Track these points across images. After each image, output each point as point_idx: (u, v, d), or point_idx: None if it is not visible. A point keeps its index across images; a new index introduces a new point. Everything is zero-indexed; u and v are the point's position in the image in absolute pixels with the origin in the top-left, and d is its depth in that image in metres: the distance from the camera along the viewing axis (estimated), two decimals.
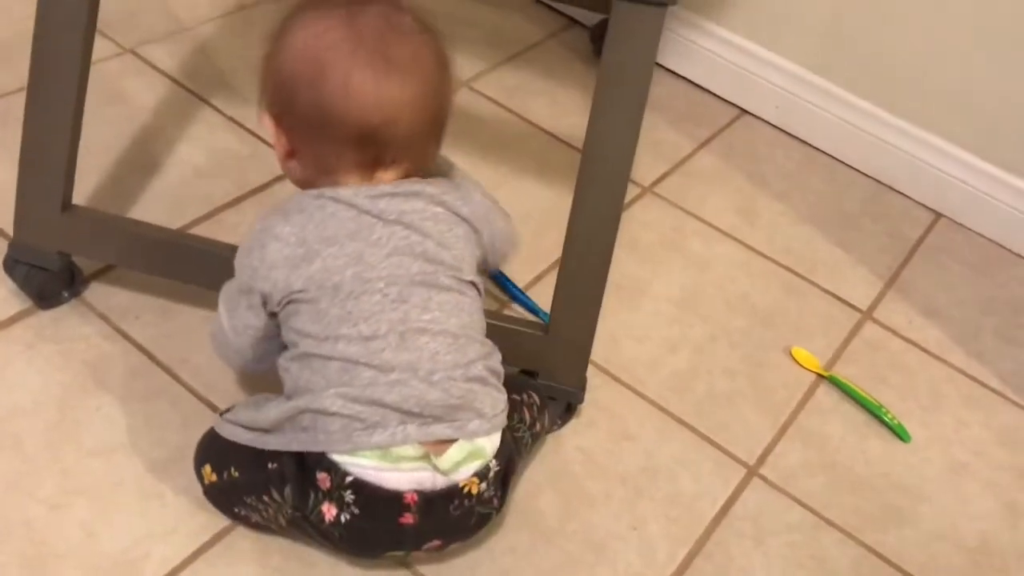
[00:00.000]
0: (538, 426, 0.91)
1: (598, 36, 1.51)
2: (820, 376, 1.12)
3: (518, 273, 1.14)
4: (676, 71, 1.50)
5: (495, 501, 0.80)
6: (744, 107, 1.48)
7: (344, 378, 0.75)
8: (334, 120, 0.76)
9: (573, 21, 1.57)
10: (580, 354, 0.94)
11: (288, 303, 0.77)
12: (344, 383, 0.75)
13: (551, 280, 1.14)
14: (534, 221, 1.22)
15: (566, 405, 0.98)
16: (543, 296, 1.12)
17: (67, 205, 0.94)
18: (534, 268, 1.17)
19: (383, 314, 0.75)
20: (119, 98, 1.23)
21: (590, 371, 1.00)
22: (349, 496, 0.75)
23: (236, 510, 0.83)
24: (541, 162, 1.32)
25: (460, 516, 0.78)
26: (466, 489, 0.77)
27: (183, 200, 1.12)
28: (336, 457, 0.75)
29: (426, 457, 0.75)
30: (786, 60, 1.42)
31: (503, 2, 1.56)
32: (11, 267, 0.97)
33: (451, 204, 0.80)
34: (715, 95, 1.50)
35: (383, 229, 0.77)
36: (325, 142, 0.77)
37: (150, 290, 1.02)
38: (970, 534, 1.00)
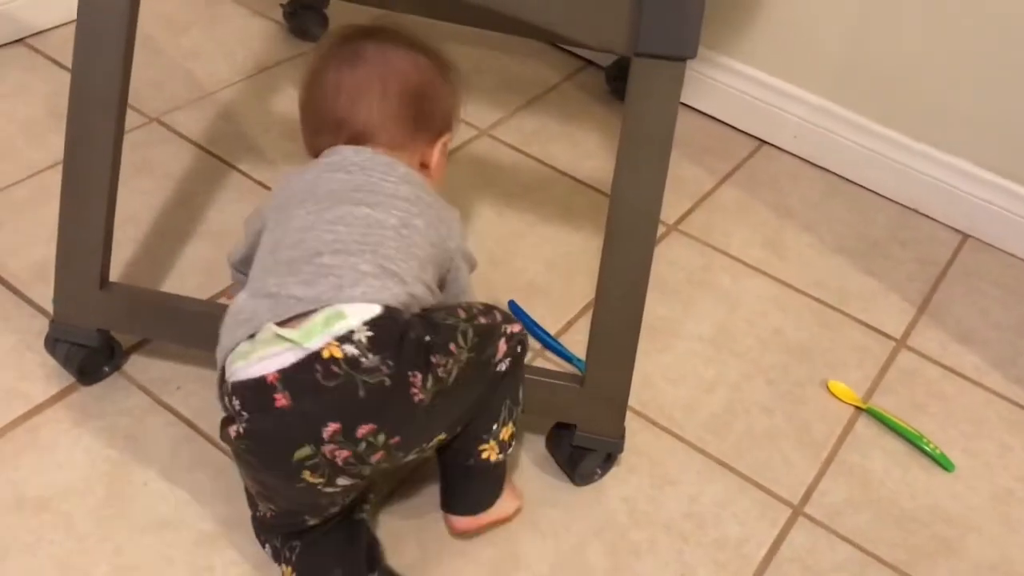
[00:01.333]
0: (482, 319, 0.82)
1: (613, 76, 1.53)
2: (858, 409, 1.12)
3: (549, 320, 1.15)
4: (692, 105, 1.51)
5: (384, 369, 0.73)
6: (763, 138, 1.49)
7: (252, 284, 0.81)
8: (312, 110, 0.93)
9: (588, 62, 1.59)
10: (618, 404, 0.95)
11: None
12: (249, 287, 0.82)
13: (582, 325, 1.15)
14: (562, 267, 1.23)
15: (606, 455, 0.98)
16: (575, 342, 1.13)
17: (105, 283, 0.95)
18: (565, 314, 1.17)
19: (302, 228, 0.81)
20: (147, 168, 1.26)
21: (627, 416, 1.00)
22: (236, 403, 0.75)
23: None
24: (565, 206, 1.33)
25: (338, 388, 0.72)
26: (327, 355, 0.72)
27: (215, 268, 1.14)
28: (227, 379, 0.76)
29: (282, 338, 0.73)
30: (802, 90, 1.43)
31: (517, 48, 1.58)
32: (52, 345, 0.99)
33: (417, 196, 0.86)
34: (733, 127, 1.51)
35: (336, 172, 0.86)
36: (315, 133, 0.93)
37: (189, 360, 1.03)
38: (1022, 563, 0.99)
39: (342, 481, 0.77)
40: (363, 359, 0.73)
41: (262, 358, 0.74)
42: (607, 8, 0.80)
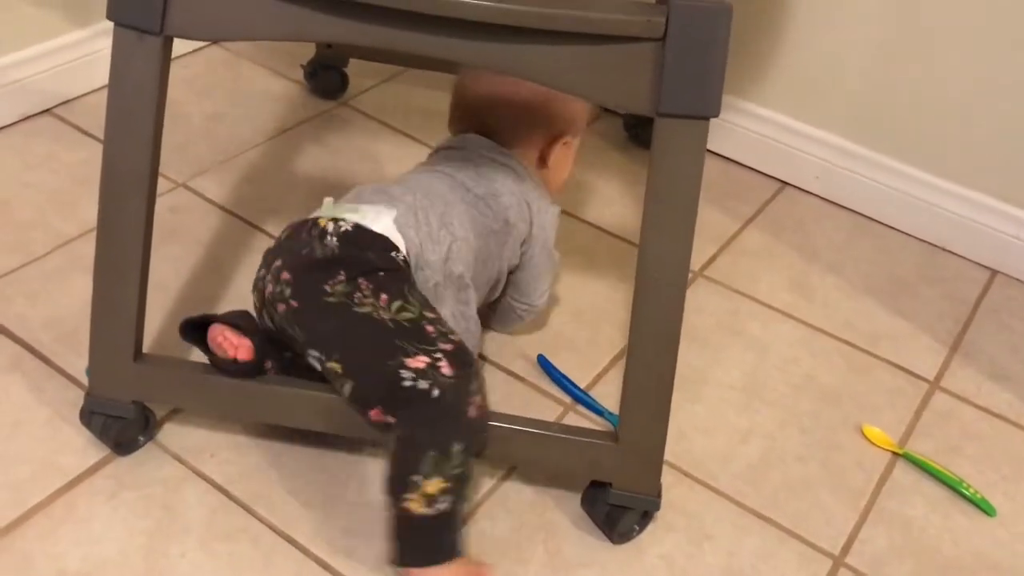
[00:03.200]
0: (431, 330, 0.90)
1: (632, 124, 1.53)
2: (895, 454, 1.10)
3: (579, 373, 1.15)
4: (713, 150, 1.52)
5: (334, 251, 0.92)
6: (786, 180, 1.49)
7: None
8: (457, 100, 1.13)
9: (605, 110, 1.59)
10: (654, 462, 0.94)
11: None
12: None
13: (612, 377, 1.15)
14: (588, 317, 1.23)
15: (643, 512, 0.97)
16: (605, 394, 1.12)
17: (139, 354, 0.96)
18: (595, 366, 1.17)
19: (405, 175, 1.06)
20: (175, 234, 1.27)
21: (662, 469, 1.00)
22: None
23: None
24: (588, 256, 1.33)
25: (302, 242, 0.94)
26: (320, 222, 0.95)
27: None
28: None
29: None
30: (824, 131, 1.43)
31: None
32: (88, 418, 1.00)
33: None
34: (754, 170, 1.51)
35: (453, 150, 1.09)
36: (456, 120, 1.14)
37: (223, 428, 1.03)
38: None
39: (265, 319, 0.96)
40: (330, 238, 0.93)
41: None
42: (629, 69, 0.81)
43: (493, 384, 1.13)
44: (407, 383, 0.86)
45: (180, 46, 1.54)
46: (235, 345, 0.92)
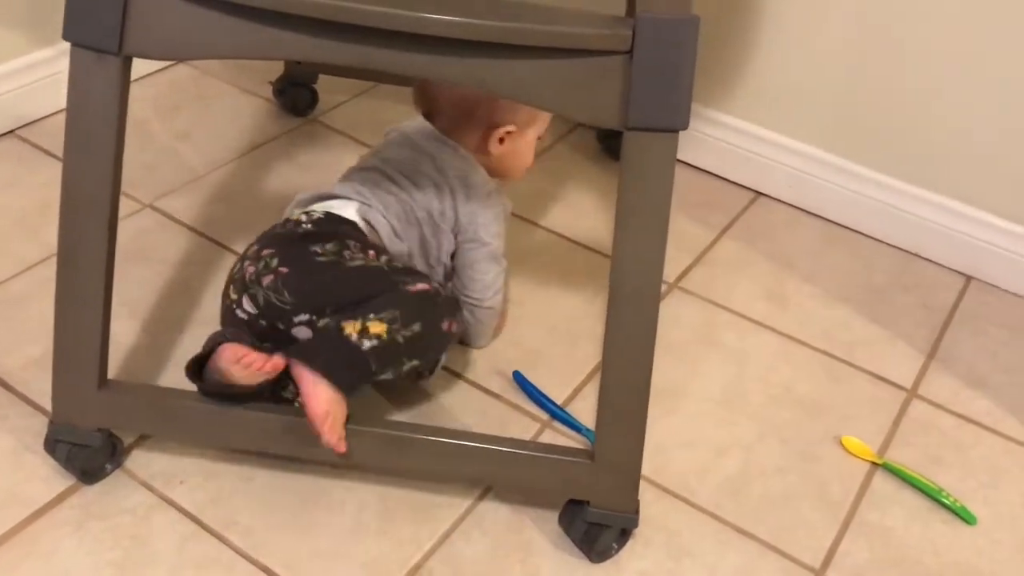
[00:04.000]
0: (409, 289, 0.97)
1: (605, 135, 1.53)
2: (874, 464, 1.10)
3: (555, 388, 1.14)
4: (685, 160, 1.51)
5: (314, 227, 1.01)
6: (758, 189, 1.49)
7: None
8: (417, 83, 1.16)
9: (579, 123, 1.59)
10: (631, 478, 0.93)
11: None
12: None
13: (589, 392, 1.14)
14: (564, 332, 1.22)
15: (621, 530, 0.96)
16: (582, 409, 1.11)
17: (103, 381, 0.94)
18: (571, 382, 1.16)
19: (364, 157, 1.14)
20: (143, 255, 1.25)
21: (640, 486, 0.98)
22: None
23: None
24: (564, 269, 1.32)
25: (285, 228, 1.02)
26: (292, 217, 1.04)
27: None
28: None
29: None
30: (795, 140, 1.43)
31: None
32: (53, 446, 0.97)
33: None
34: (727, 180, 1.50)
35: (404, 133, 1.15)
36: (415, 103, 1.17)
37: (192, 453, 1.01)
38: None
39: (246, 305, 0.97)
40: (304, 224, 1.01)
41: None
42: (596, 83, 0.80)
43: (468, 402, 1.12)
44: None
45: (145, 64, 1.52)
46: (266, 359, 0.90)
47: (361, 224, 1.04)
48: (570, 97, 0.81)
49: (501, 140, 1.11)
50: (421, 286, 0.96)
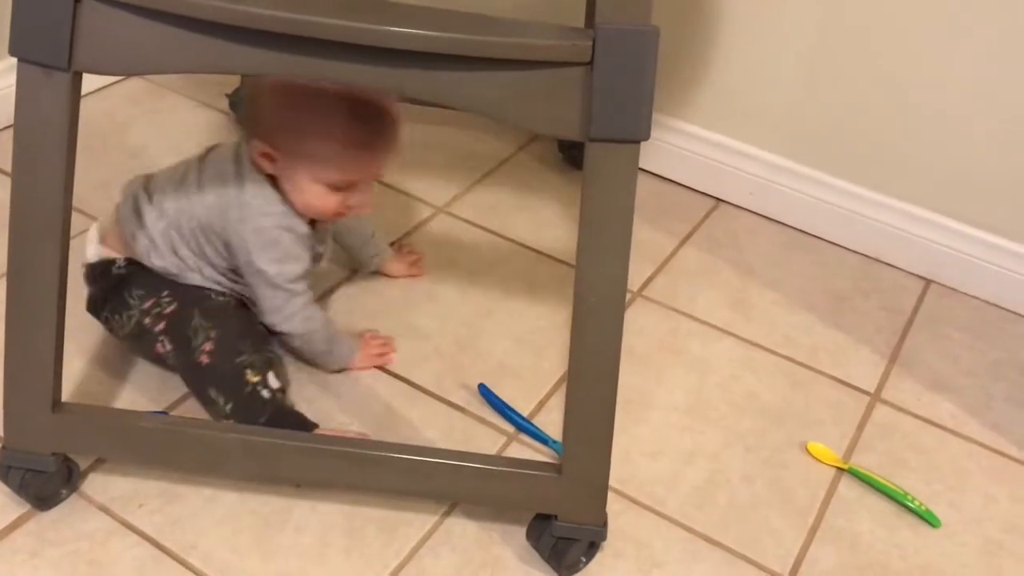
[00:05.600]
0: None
1: (567, 145, 1.53)
2: (840, 469, 1.10)
3: (522, 400, 1.13)
4: (646, 168, 1.51)
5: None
6: (720, 196, 1.49)
7: None
8: None
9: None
10: (599, 491, 0.92)
11: None
12: None
13: (554, 403, 1.13)
14: (530, 343, 1.21)
15: (589, 543, 0.95)
16: (549, 421, 1.11)
17: (57, 404, 0.92)
18: (538, 393, 1.15)
19: None
20: None
21: (608, 497, 0.98)
22: None
23: None
24: (529, 280, 1.31)
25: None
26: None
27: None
28: None
29: None
30: (756, 148, 1.44)
31: (467, 122, 1.57)
32: (5, 473, 0.95)
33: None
34: (688, 187, 1.51)
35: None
36: None
37: (150, 475, 0.99)
38: None
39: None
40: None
41: None
42: (557, 95, 0.79)
43: (433, 416, 1.10)
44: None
45: (99, 77, 1.49)
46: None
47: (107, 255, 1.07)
48: (531, 109, 0.80)
49: (265, 156, 1.00)
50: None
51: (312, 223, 1.06)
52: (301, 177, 1.00)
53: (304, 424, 1.02)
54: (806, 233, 1.44)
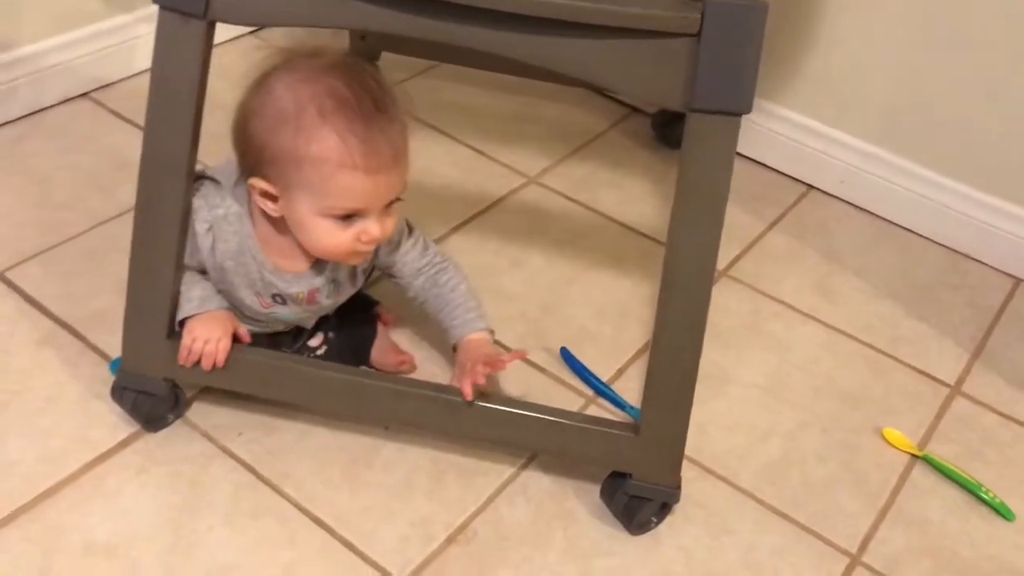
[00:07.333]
0: None
1: (660, 123, 1.54)
2: (914, 456, 1.11)
3: (601, 367, 1.16)
4: (739, 151, 1.51)
5: None
6: (810, 183, 1.50)
7: None
8: None
9: (634, 109, 1.61)
10: (674, 454, 0.95)
11: None
12: None
13: (634, 372, 1.16)
14: (612, 313, 1.24)
15: (661, 504, 0.98)
16: (627, 389, 1.14)
17: (171, 333, 0.98)
18: (617, 361, 1.18)
19: None
20: None
21: (682, 463, 1.01)
22: None
23: None
24: (614, 253, 1.34)
25: None
26: None
27: None
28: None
29: None
30: (850, 136, 1.44)
31: (562, 96, 1.60)
32: (120, 394, 1.02)
33: None
34: (779, 172, 1.51)
35: None
36: None
37: (250, 408, 1.05)
38: None
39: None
40: None
41: None
42: (663, 65, 0.82)
43: (514, 374, 1.14)
44: None
45: (218, 35, 1.56)
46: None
47: None
48: (636, 77, 0.83)
49: (265, 196, 0.91)
50: None
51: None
52: (303, 213, 0.89)
53: None
54: (895, 224, 1.44)
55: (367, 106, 0.86)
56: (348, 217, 0.89)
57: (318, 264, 0.98)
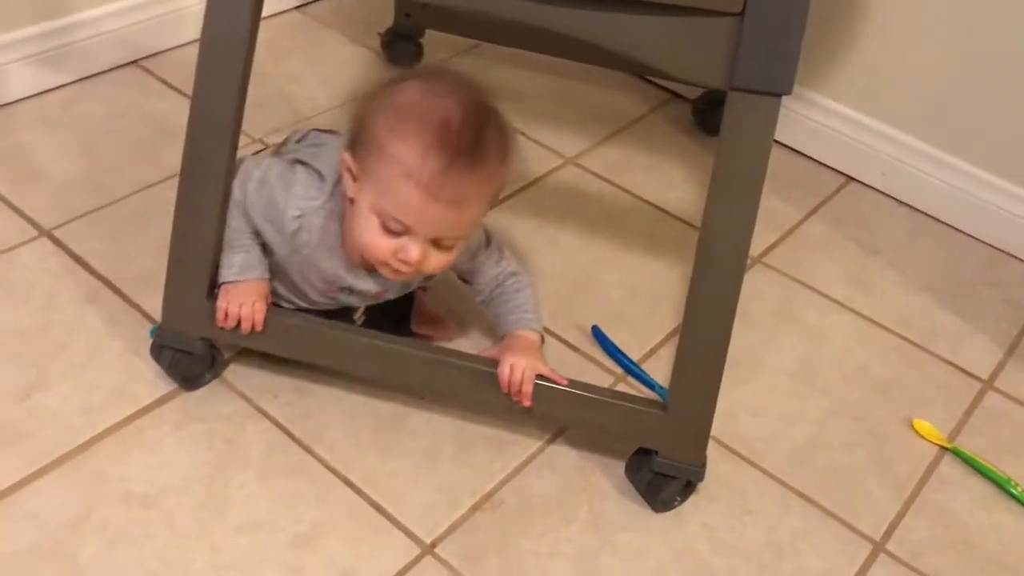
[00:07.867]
0: None
1: (700, 109, 1.54)
2: (943, 448, 1.11)
3: (632, 347, 1.17)
4: (779, 139, 1.52)
5: None
6: (851, 174, 1.49)
7: None
8: None
9: (675, 95, 1.61)
10: (701, 433, 0.96)
11: None
12: None
13: (664, 353, 1.17)
14: (645, 294, 1.25)
15: (686, 482, 0.99)
16: (657, 369, 1.14)
17: (211, 293, 1.00)
18: (647, 341, 1.19)
19: None
20: None
21: (708, 444, 1.01)
22: None
23: None
24: (649, 236, 1.34)
25: None
26: None
27: None
28: None
29: None
30: (892, 128, 1.43)
31: (603, 79, 1.61)
32: (158, 352, 1.04)
33: None
34: (820, 162, 1.51)
35: None
36: None
37: (285, 371, 1.07)
38: None
39: None
40: None
41: None
42: (704, 42, 0.83)
43: (546, 351, 1.14)
44: None
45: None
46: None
47: None
48: (678, 55, 0.84)
49: (349, 173, 0.92)
50: None
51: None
52: (364, 202, 0.90)
53: None
54: (935, 219, 1.43)
55: (466, 141, 0.86)
56: (396, 232, 0.90)
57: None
